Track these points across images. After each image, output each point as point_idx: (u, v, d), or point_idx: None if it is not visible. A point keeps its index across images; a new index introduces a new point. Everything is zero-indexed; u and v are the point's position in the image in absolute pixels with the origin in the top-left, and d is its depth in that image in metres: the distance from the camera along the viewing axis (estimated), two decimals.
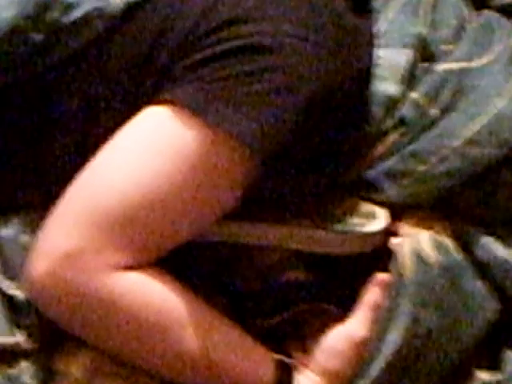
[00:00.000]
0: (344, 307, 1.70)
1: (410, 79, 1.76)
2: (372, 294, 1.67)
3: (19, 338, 1.58)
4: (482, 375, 1.69)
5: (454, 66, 1.78)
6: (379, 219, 1.71)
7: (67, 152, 1.67)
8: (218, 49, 1.59)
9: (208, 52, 1.59)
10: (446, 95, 1.74)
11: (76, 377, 1.59)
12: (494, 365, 1.71)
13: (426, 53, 1.79)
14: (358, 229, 1.70)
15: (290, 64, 1.59)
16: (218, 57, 1.59)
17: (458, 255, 1.70)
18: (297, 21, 1.64)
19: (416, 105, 1.73)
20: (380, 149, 1.73)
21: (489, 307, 1.69)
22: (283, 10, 1.65)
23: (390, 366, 1.62)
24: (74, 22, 1.65)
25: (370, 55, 1.76)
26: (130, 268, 1.56)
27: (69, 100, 1.68)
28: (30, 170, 1.72)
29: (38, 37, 1.64)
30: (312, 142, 1.65)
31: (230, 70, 1.57)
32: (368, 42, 1.78)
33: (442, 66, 1.78)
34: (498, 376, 1.68)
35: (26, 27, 1.63)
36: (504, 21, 1.92)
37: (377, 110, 1.73)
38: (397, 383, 1.64)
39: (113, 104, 1.66)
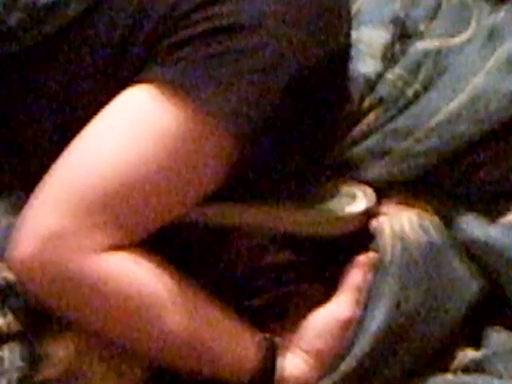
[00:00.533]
0: (327, 288, 1.71)
1: (389, 58, 1.77)
2: (354, 276, 1.68)
3: (5, 320, 1.58)
4: (467, 352, 1.69)
5: (432, 44, 1.79)
6: (360, 200, 1.71)
7: (48, 134, 1.67)
8: (198, 29, 1.59)
9: (187, 32, 1.59)
10: (423, 74, 1.76)
11: (61, 359, 1.59)
12: (478, 342, 1.71)
13: (403, 31, 1.80)
14: (339, 210, 1.71)
15: (268, 43, 1.60)
16: (197, 37, 1.59)
17: (438, 235, 1.71)
18: (275, 0, 1.64)
19: (394, 84, 1.75)
20: (360, 128, 1.74)
21: (471, 286, 1.71)
22: None
23: (374, 346, 1.62)
24: (48, 4, 1.65)
25: (349, 34, 1.77)
26: (115, 249, 1.55)
27: (48, 82, 1.68)
28: (11, 152, 1.73)
29: (11, 22, 1.64)
30: (292, 122, 1.65)
31: (209, 50, 1.58)
32: (346, 20, 1.78)
33: (419, 45, 1.79)
34: (482, 352, 1.68)
35: (6, 10, 1.64)
36: (480, 1, 1.92)
37: (356, 90, 1.74)
38: (381, 362, 1.64)
39: (92, 85, 1.66)
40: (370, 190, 1.73)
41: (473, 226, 1.72)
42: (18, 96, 1.71)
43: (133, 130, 1.59)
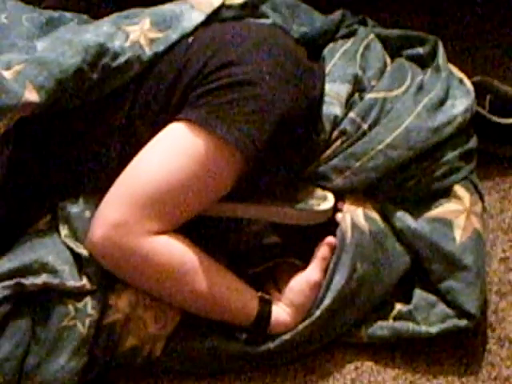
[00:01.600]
0: (305, 260, 1.77)
1: (350, 104, 1.82)
2: (323, 251, 1.74)
3: (84, 282, 1.64)
4: (399, 306, 1.76)
5: (379, 95, 1.84)
6: (329, 201, 1.77)
7: (117, 153, 1.73)
8: (219, 83, 1.66)
9: (212, 85, 1.67)
10: (373, 115, 1.80)
11: (122, 308, 1.66)
12: (407, 299, 1.77)
13: (360, 86, 1.85)
14: (315, 207, 1.77)
15: (267, 94, 1.66)
16: (218, 88, 1.66)
17: (381, 224, 1.78)
18: (270, 64, 1.70)
19: (353, 122, 1.80)
20: (329, 151, 1.80)
21: (403, 260, 1.77)
22: (261, 56, 1.72)
23: (336, 300, 1.69)
24: (119, 66, 1.74)
25: (323, 87, 1.82)
26: (159, 233, 1.64)
27: (116, 121, 1.76)
28: (91, 167, 1.76)
29: (93, 76, 1.72)
30: (283, 147, 1.71)
31: (227, 98, 1.65)
32: (319, 78, 1.84)
33: (371, 95, 1.84)
34: (408, 306, 1.74)
35: (87, 69, 1.71)
36: (412, 65, 1.97)
37: (327, 125, 1.79)
38: (341, 311, 1.71)
39: (146, 121, 1.73)
40: (332, 195, 1.79)
41: (404, 219, 1.78)
42: (94, 129, 1.77)
43: (173, 153, 1.67)
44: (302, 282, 1.74)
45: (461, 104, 1.87)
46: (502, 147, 2.08)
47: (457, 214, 1.79)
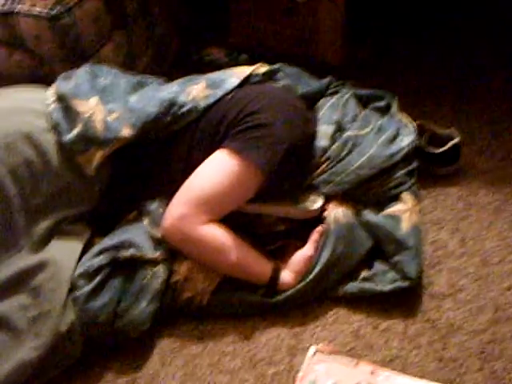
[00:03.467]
0: (303, 241, 1.74)
1: (334, 139, 1.80)
2: (315, 236, 1.72)
3: (158, 255, 1.64)
4: (364, 272, 1.74)
5: (353, 133, 1.83)
6: (318, 202, 1.76)
7: (181, 170, 1.72)
8: (247, 125, 1.67)
9: (242, 127, 1.67)
10: (348, 147, 1.79)
11: (182, 271, 1.66)
12: (369, 267, 1.75)
13: (340, 127, 1.83)
14: (309, 207, 1.76)
15: (277, 132, 1.66)
16: (246, 128, 1.67)
17: (354, 219, 1.75)
18: (281, 112, 1.71)
19: (335, 151, 1.78)
20: (318, 171, 1.78)
21: (367, 243, 1.75)
22: (276, 107, 1.72)
23: (322, 269, 1.68)
24: (184, 113, 1.74)
25: (315, 128, 1.81)
26: (209, 222, 1.64)
27: (181, 148, 1.75)
28: (164, 179, 1.76)
29: (166, 120, 1.73)
30: (288, 166, 1.69)
31: (251, 135, 1.66)
32: (314, 122, 1.83)
33: (347, 133, 1.82)
34: (370, 272, 1.73)
35: (162, 115, 1.72)
36: (375, 113, 1.95)
37: (318, 152, 1.78)
38: (326, 276, 1.69)
39: (200, 150, 1.72)
40: (322, 198, 1.77)
41: (368, 215, 1.76)
42: (167, 154, 1.76)
43: (218, 170, 1.66)
44: (300, 256, 1.72)
45: (407, 139, 1.86)
46: (435, 167, 2.04)
47: (403, 212, 1.76)
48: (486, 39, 2.63)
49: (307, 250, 1.72)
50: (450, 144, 2.00)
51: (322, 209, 1.76)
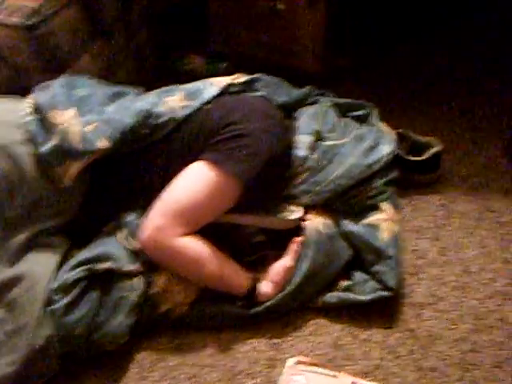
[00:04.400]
0: (283, 253, 1.74)
1: (312, 148, 1.81)
2: (294, 246, 1.72)
3: (136, 267, 1.64)
4: (343, 282, 1.75)
5: (332, 143, 1.84)
6: (298, 213, 1.77)
7: (158, 182, 1.70)
8: (225, 136, 1.68)
9: (220, 137, 1.68)
10: (327, 156, 1.80)
11: (160, 284, 1.65)
12: (349, 277, 1.76)
13: (319, 137, 1.84)
14: (289, 217, 1.76)
15: (255, 142, 1.67)
16: (224, 139, 1.67)
17: (333, 228, 1.77)
18: (260, 122, 1.71)
19: (314, 160, 1.80)
20: (298, 180, 1.79)
21: (347, 253, 1.76)
22: (254, 118, 1.72)
23: (302, 280, 1.69)
24: (161, 124, 1.74)
25: (292, 138, 1.82)
26: (185, 235, 1.64)
27: (158, 159, 1.75)
28: (141, 191, 1.74)
29: (143, 131, 1.73)
30: (267, 177, 1.69)
31: (230, 145, 1.66)
32: (291, 132, 1.83)
33: (326, 143, 1.84)
34: (350, 282, 1.74)
35: (139, 126, 1.72)
36: (354, 122, 1.97)
37: (297, 162, 1.78)
38: (301, 287, 1.69)
39: (178, 161, 1.71)
40: (301, 208, 1.78)
41: (348, 224, 1.77)
42: (143, 166, 1.75)
43: (196, 182, 1.66)
44: (280, 266, 1.72)
45: (387, 148, 1.88)
46: (415, 175, 2.06)
47: (382, 221, 1.78)
48: (465, 47, 2.69)
49: (286, 261, 1.72)
50: (430, 152, 2.03)
51: (302, 219, 1.77)
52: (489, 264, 1.82)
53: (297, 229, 1.77)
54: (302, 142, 1.82)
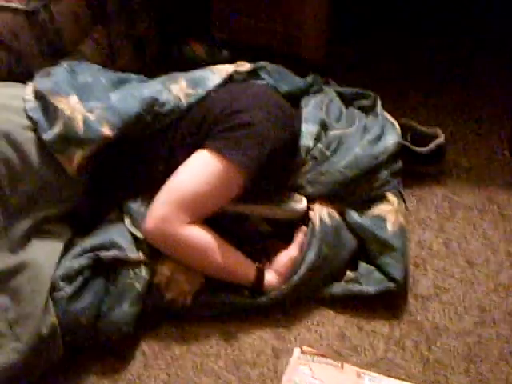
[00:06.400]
0: (287, 242, 1.76)
1: (318, 138, 1.82)
2: (300, 236, 1.74)
3: (140, 255, 1.64)
4: (349, 273, 1.76)
5: (338, 132, 1.86)
6: (303, 203, 1.77)
7: (162, 170, 1.72)
8: (228, 124, 1.67)
9: (225, 126, 1.67)
10: (333, 146, 1.82)
11: (164, 273, 1.65)
12: (355, 268, 1.77)
13: (324, 126, 1.85)
14: (294, 207, 1.77)
15: (262, 131, 1.67)
16: (228, 128, 1.67)
17: (339, 219, 1.78)
18: (265, 111, 1.70)
19: (320, 150, 1.81)
20: (304, 169, 1.80)
21: (353, 244, 1.78)
22: (259, 106, 1.71)
23: (307, 271, 1.69)
24: (165, 112, 1.74)
25: (300, 127, 1.83)
26: (191, 224, 1.64)
27: (162, 148, 1.75)
28: (145, 178, 1.76)
29: (148, 118, 1.72)
30: (273, 166, 1.70)
31: (234, 134, 1.66)
32: (298, 120, 1.84)
33: (332, 132, 1.85)
34: (355, 274, 1.75)
35: (144, 114, 1.71)
36: (359, 112, 1.99)
37: (303, 151, 1.79)
38: (310, 278, 1.70)
39: (182, 149, 1.72)
40: (307, 198, 1.78)
41: (353, 215, 1.79)
42: (149, 154, 1.76)
43: (200, 171, 1.66)
44: (285, 257, 1.73)
45: (392, 139, 1.89)
46: (419, 167, 2.08)
47: (388, 212, 1.79)
48: (471, 38, 2.70)
49: (292, 251, 1.73)
50: (434, 143, 2.04)
51: (307, 209, 1.78)
52: (493, 256, 1.84)
53: (302, 219, 1.78)
54: (308, 132, 1.83)
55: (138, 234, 1.67)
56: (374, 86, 2.18)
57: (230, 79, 1.88)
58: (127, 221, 1.71)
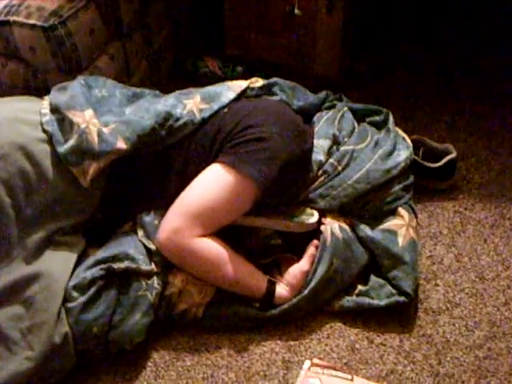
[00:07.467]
0: (299, 255, 1.77)
1: (330, 153, 1.83)
2: (311, 250, 1.75)
3: (152, 267, 1.65)
4: (360, 286, 1.77)
5: (349, 147, 1.86)
6: (315, 216, 1.78)
7: (175, 184, 1.73)
8: (242, 139, 1.70)
9: (238, 140, 1.70)
10: (345, 161, 1.82)
11: (176, 284, 1.67)
12: (365, 282, 1.78)
13: (336, 141, 1.86)
14: (305, 221, 1.77)
15: (274, 146, 1.68)
16: (242, 143, 1.69)
17: (350, 233, 1.78)
18: (278, 126, 1.72)
19: (332, 165, 1.82)
20: (316, 184, 1.81)
21: (364, 258, 1.78)
22: (272, 121, 1.73)
23: (318, 283, 1.70)
24: (179, 126, 1.76)
25: (312, 142, 1.84)
26: (203, 236, 1.66)
27: (176, 161, 1.76)
28: (159, 192, 1.76)
29: (162, 132, 1.74)
30: (285, 181, 1.71)
31: (248, 149, 1.68)
32: (310, 136, 1.85)
33: (344, 148, 1.85)
34: (365, 287, 1.76)
35: (158, 128, 1.73)
36: (372, 128, 1.98)
37: (314, 167, 1.80)
38: (321, 291, 1.71)
39: (196, 163, 1.74)
40: (318, 212, 1.79)
41: (365, 229, 1.78)
42: (163, 167, 1.77)
43: (213, 185, 1.68)
44: (296, 270, 1.73)
45: (403, 154, 1.89)
46: (431, 182, 2.09)
47: (400, 227, 1.80)
48: (480, 55, 2.72)
49: (303, 264, 1.74)
50: (445, 159, 2.05)
51: (319, 223, 1.79)
52: (504, 271, 1.85)
53: (313, 233, 1.79)
54: (320, 146, 1.84)
55: (151, 246, 1.68)
56: (387, 101, 2.22)
57: (243, 94, 1.91)
58: (140, 233, 1.73)
